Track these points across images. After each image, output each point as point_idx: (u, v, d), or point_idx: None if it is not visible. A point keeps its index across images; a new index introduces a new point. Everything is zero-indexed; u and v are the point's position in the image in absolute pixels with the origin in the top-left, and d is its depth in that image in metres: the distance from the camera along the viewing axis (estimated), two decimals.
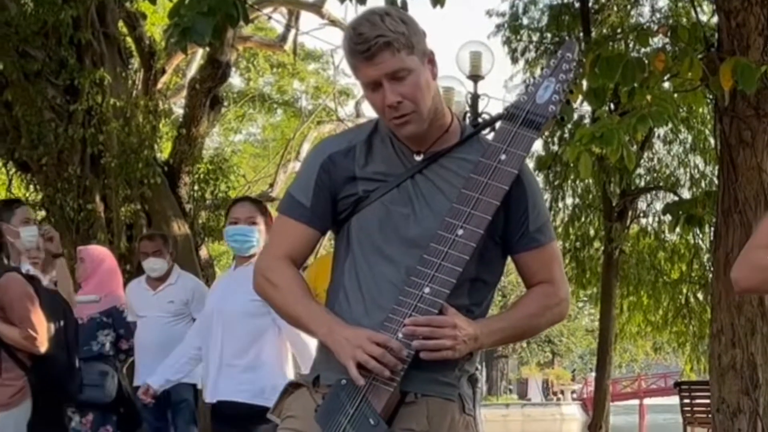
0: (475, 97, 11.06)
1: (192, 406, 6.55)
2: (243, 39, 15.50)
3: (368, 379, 2.35)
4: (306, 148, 18.54)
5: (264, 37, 18.37)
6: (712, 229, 7.68)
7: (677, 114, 10.58)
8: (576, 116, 10.10)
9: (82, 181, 10.27)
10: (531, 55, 14.11)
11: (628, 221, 14.09)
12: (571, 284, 13.43)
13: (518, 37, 14.20)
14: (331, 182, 2.50)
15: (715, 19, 7.51)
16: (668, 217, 9.90)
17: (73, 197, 10.08)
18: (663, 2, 14.16)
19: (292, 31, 16.86)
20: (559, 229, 13.76)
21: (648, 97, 6.15)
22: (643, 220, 14.91)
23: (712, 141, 10.93)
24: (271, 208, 5.95)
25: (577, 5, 12.83)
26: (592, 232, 14.42)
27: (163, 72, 12.20)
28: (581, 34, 12.30)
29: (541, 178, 13.34)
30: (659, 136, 14.62)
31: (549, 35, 13.74)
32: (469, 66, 11.23)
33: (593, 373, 18.23)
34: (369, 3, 5.99)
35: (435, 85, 2.47)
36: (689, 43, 6.36)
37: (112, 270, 6.54)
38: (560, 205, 14.35)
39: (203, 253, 11.59)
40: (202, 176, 11.55)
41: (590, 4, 12.97)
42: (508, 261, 2.59)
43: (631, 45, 12.28)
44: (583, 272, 14.22)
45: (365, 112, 19.55)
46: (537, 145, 13.04)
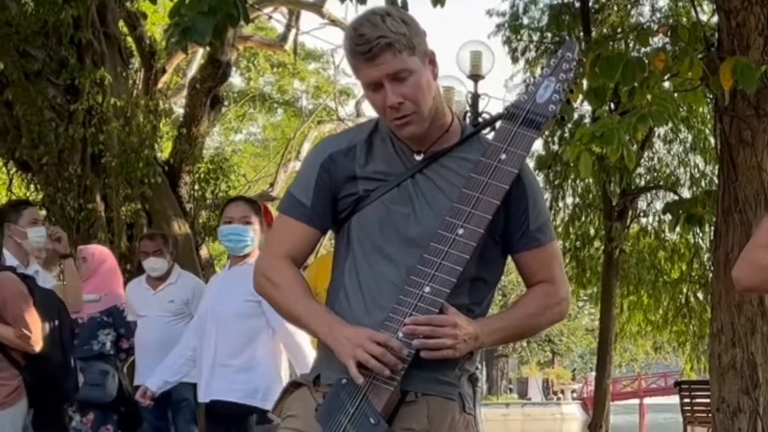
0: (475, 97, 11.06)
1: (192, 405, 6.54)
2: (243, 39, 15.51)
3: (369, 379, 2.35)
4: (306, 147, 18.54)
5: (264, 36, 18.38)
6: (712, 228, 7.68)
7: (677, 113, 10.60)
8: (576, 116, 10.08)
9: (82, 181, 10.27)
10: (531, 54, 14.09)
11: (629, 221, 14.08)
12: (572, 284, 13.42)
13: (518, 37, 14.18)
14: (331, 181, 2.50)
15: (715, 18, 7.51)
16: (668, 217, 9.89)
17: (73, 197, 10.09)
18: (663, 2, 14.16)
19: (293, 31, 16.87)
20: (560, 229, 13.75)
21: (648, 96, 6.14)
22: (644, 220, 14.91)
23: (712, 140, 10.92)
24: (272, 208, 5.95)
25: (578, 5, 12.81)
26: (592, 231, 14.41)
27: (164, 71, 12.21)
28: (581, 34, 12.29)
29: (541, 178, 13.33)
30: (659, 136, 14.61)
31: (549, 35, 13.73)
32: (469, 65, 11.23)
33: (593, 373, 18.23)
34: (369, 3, 5.99)
35: (436, 85, 2.47)
36: (689, 43, 6.36)
37: (112, 270, 6.55)
38: (560, 204, 14.35)
39: (203, 252, 11.60)
40: (202, 176, 11.56)
41: (590, 4, 12.95)
42: (509, 260, 2.59)
43: (632, 44, 12.27)
44: (583, 272, 14.21)
45: (365, 112, 19.56)
46: (537, 145, 13.04)
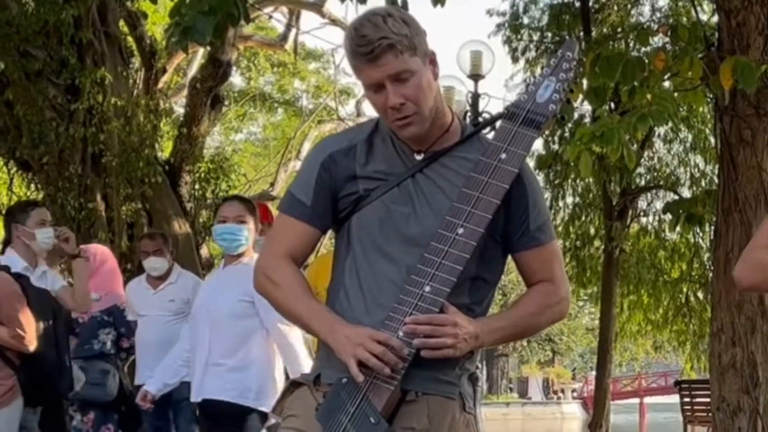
0: (475, 97, 11.08)
1: (193, 404, 6.54)
2: (244, 38, 15.51)
3: (369, 378, 2.35)
4: (307, 147, 18.54)
5: (265, 36, 18.38)
6: (713, 228, 7.68)
7: (677, 113, 10.61)
8: (576, 115, 10.09)
9: (83, 180, 10.27)
10: (531, 54, 14.10)
11: (629, 220, 14.08)
12: (572, 283, 13.42)
13: (519, 37, 14.19)
14: (331, 181, 2.50)
15: (716, 18, 7.51)
16: (668, 216, 9.90)
17: (74, 196, 10.09)
18: (663, 1, 14.16)
19: (293, 31, 16.88)
20: (560, 228, 13.75)
21: (648, 96, 6.15)
22: (644, 219, 14.92)
23: (713, 140, 10.92)
24: (272, 207, 5.96)
25: (578, 5, 12.81)
26: (592, 231, 14.41)
27: (164, 71, 12.21)
28: (581, 34, 12.29)
29: (541, 177, 13.33)
30: (659, 135, 14.62)
31: (549, 34, 13.73)
32: (469, 65, 11.24)
33: (593, 372, 18.24)
34: (369, 2, 6.00)
35: (436, 85, 2.48)
36: (689, 43, 6.36)
37: (113, 269, 6.56)
38: (560, 204, 14.35)
39: (204, 252, 11.60)
40: (203, 175, 11.56)
41: (590, 4, 12.95)
42: (509, 260, 2.59)
43: (632, 44, 12.27)
44: (583, 271, 14.21)
45: (366, 111, 19.57)
46: (537, 144, 13.03)
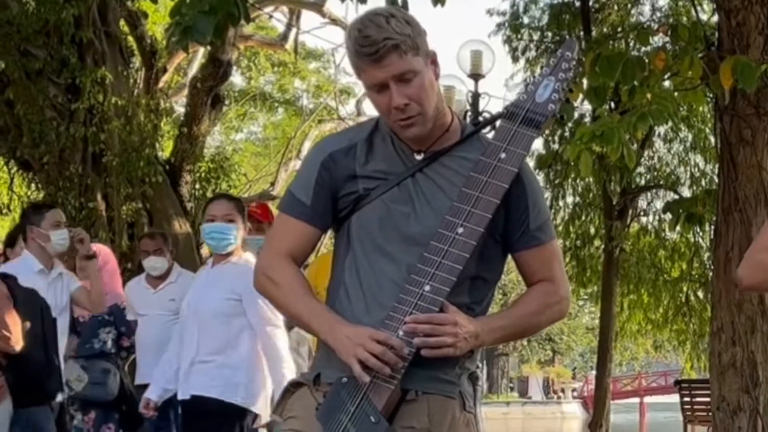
0: (475, 96, 11.08)
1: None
2: (244, 38, 15.51)
3: (369, 377, 2.35)
4: (307, 146, 18.53)
5: (265, 36, 18.38)
6: (713, 227, 7.68)
7: (677, 112, 10.61)
8: (576, 115, 10.08)
9: (83, 180, 10.28)
10: (532, 53, 14.10)
11: (629, 220, 14.08)
12: (572, 283, 13.42)
13: (519, 36, 14.19)
14: (331, 180, 2.50)
15: (716, 17, 7.51)
16: (668, 216, 9.89)
17: (74, 196, 10.09)
18: (663, 1, 14.16)
19: (293, 30, 16.87)
20: (560, 228, 13.75)
21: (648, 95, 6.15)
22: (644, 219, 14.92)
23: (713, 139, 10.91)
24: (273, 207, 5.96)
25: (578, 4, 12.81)
26: (592, 230, 14.41)
27: (165, 71, 12.21)
28: (582, 33, 12.30)
29: (541, 177, 13.34)
30: (659, 135, 14.63)
31: (549, 34, 13.73)
32: (469, 65, 11.25)
33: (594, 371, 18.24)
34: (370, 2, 6.01)
35: (437, 84, 2.48)
36: (689, 42, 6.36)
37: (114, 269, 6.58)
38: (561, 203, 14.35)
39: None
40: (203, 175, 11.56)
41: (591, 3, 12.95)
42: (509, 259, 2.59)
43: (632, 44, 12.28)
44: (583, 270, 14.21)
45: (366, 111, 19.56)
46: (537, 144, 13.06)
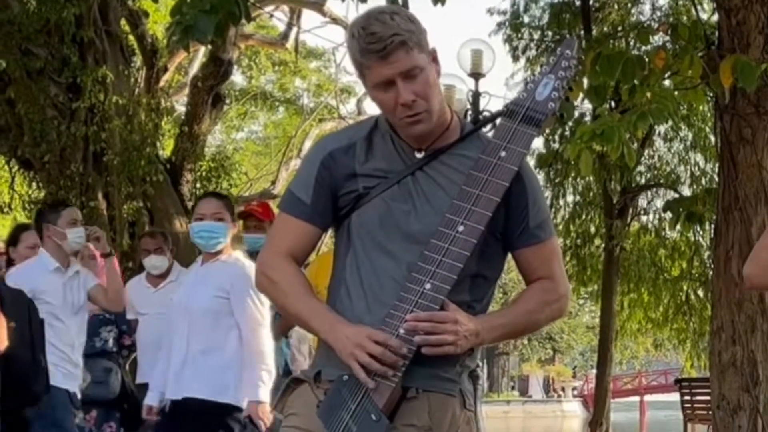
0: (476, 95, 11.09)
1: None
2: (245, 37, 15.51)
3: (370, 375, 2.36)
4: (308, 145, 18.53)
5: (266, 35, 18.38)
6: (713, 226, 7.69)
7: (677, 111, 10.61)
8: (577, 114, 10.07)
9: (84, 179, 10.28)
10: (532, 53, 14.11)
11: (629, 218, 14.09)
12: (572, 281, 13.43)
13: (519, 35, 14.20)
14: (331, 179, 2.50)
15: (716, 17, 7.51)
16: (669, 215, 9.88)
17: (75, 195, 10.09)
18: (663, 0, 14.18)
19: (294, 29, 16.87)
20: (560, 227, 13.76)
21: (648, 94, 6.15)
22: (644, 218, 14.94)
23: (713, 138, 10.92)
24: (273, 206, 5.97)
25: (578, 3, 12.83)
26: (592, 229, 14.42)
27: (166, 70, 12.21)
28: (582, 32, 12.30)
29: (542, 176, 13.35)
30: (660, 134, 14.64)
31: (550, 33, 13.74)
32: (470, 64, 11.26)
33: (594, 370, 18.26)
34: (370, 1, 6.02)
35: (439, 82, 2.49)
36: (690, 41, 6.37)
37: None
38: (561, 202, 14.37)
39: None
40: (204, 174, 11.56)
41: (591, 2, 12.97)
42: (509, 258, 2.59)
43: (632, 43, 12.28)
44: (583, 269, 14.22)
45: (367, 110, 19.57)
46: (538, 143, 13.07)
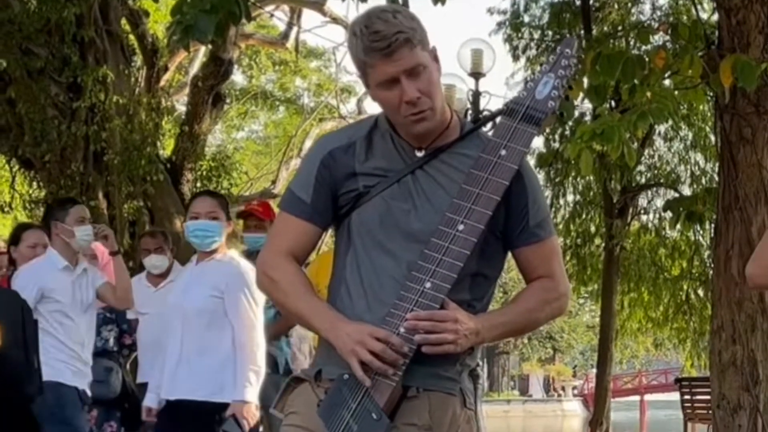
0: (476, 95, 11.10)
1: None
2: (245, 36, 15.52)
3: (371, 374, 2.36)
4: (308, 145, 18.53)
5: (266, 34, 18.39)
6: (713, 225, 7.69)
7: (678, 111, 10.61)
8: (577, 113, 10.08)
9: (85, 178, 10.29)
10: (532, 52, 14.11)
11: (629, 218, 14.09)
12: (572, 281, 13.44)
13: (519, 35, 14.20)
14: (331, 178, 2.50)
15: (716, 16, 7.51)
16: (669, 214, 9.88)
17: (76, 194, 10.07)
18: (663, 0, 14.18)
19: (294, 29, 16.88)
20: (560, 226, 13.76)
21: (648, 94, 6.15)
22: (644, 217, 14.94)
23: (713, 138, 10.92)
24: (274, 205, 5.98)
25: (578, 3, 12.82)
26: (593, 228, 14.42)
27: (166, 69, 12.23)
28: (582, 32, 12.29)
29: (542, 175, 13.35)
30: (660, 133, 14.64)
31: (550, 33, 13.74)
32: (470, 63, 11.27)
33: (594, 370, 18.27)
34: (370, 1, 6.02)
35: (440, 81, 2.49)
36: (690, 41, 6.37)
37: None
38: (561, 202, 14.36)
39: None
40: (204, 173, 11.58)
41: (591, 2, 12.96)
42: (509, 257, 2.59)
43: (632, 42, 12.27)
44: (584, 269, 14.22)
45: (367, 109, 19.58)
46: (538, 142, 13.08)
